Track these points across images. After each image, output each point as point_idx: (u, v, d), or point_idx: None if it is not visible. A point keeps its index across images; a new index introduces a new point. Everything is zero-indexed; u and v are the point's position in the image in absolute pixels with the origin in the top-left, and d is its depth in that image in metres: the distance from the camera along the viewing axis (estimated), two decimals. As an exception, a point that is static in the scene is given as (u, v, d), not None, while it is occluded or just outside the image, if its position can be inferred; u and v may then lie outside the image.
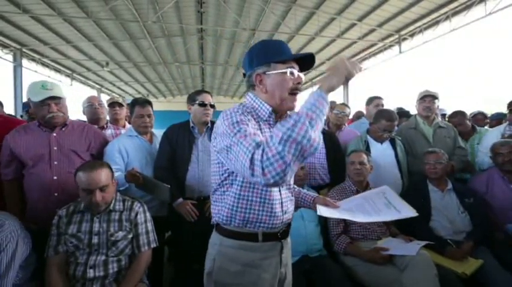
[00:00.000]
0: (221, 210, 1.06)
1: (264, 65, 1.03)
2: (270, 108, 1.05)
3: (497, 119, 3.98)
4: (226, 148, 0.91)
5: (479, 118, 3.97)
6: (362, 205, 1.13)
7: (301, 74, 1.06)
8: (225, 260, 1.06)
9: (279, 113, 1.08)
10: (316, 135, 0.80)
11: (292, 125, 0.78)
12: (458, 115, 3.14)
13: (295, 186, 1.30)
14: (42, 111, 1.73)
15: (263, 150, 0.79)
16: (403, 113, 3.52)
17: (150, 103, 2.21)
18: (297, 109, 0.91)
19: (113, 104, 2.87)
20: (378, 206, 1.12)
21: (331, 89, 0.88)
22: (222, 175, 1.04)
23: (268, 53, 1.04)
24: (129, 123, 2.60)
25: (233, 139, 0.89)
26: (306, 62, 1.08)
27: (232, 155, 0.88)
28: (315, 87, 0.90)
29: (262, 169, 0.78)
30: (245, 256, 1.05)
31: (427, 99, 2.63)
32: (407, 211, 1.08)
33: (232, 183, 1.03)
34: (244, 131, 0.89)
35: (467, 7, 7.02)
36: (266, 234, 1.06)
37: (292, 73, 1.02)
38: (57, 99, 1.76)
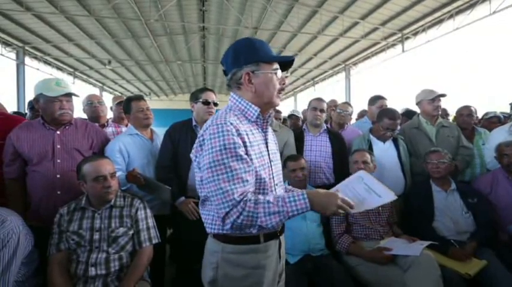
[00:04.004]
0: (219, 219, 1.01)
1: (252, 63, 1.04)
2: (258, 110, 1.06)
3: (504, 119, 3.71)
4: (207, 177, 0.96)
5: (493, 121, 3.61)
6: (346, 196, 1.11)
7: (284, 75, 1.11)
8: (229, 266, 1.05)
9: (263, 111, 1.10)
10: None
11: (274, 213, 0.91)
12: (468, 109, 2.91)
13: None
14: (53, 108, 1.73)
15: (240, 213, 0.91)
16: (411, 113, 3.33)
17: (143, 98, 2.25)
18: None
19: (121, 103, 2.88)
20: (360, 193, 1.11)
21: (319, 210, 0.96)
22: None
23: (256, 52, 1.04)
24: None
25: (215, 175, 0.94)
26: (285, 64, 1.12)
27: (211, 188, 0.96)
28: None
29: (232, 225, 0.93)
30: (250, 259, 1.05)
31: (437, 98, 2.58)
32: (388, 195, 1.08)
33: None
34: (228, 170, 0.93)
35: (471, 6, 6.95)
36: (266, 234, 1.07)
37: (277, 74, 1.06)
38: (70, 97, 1.78)
